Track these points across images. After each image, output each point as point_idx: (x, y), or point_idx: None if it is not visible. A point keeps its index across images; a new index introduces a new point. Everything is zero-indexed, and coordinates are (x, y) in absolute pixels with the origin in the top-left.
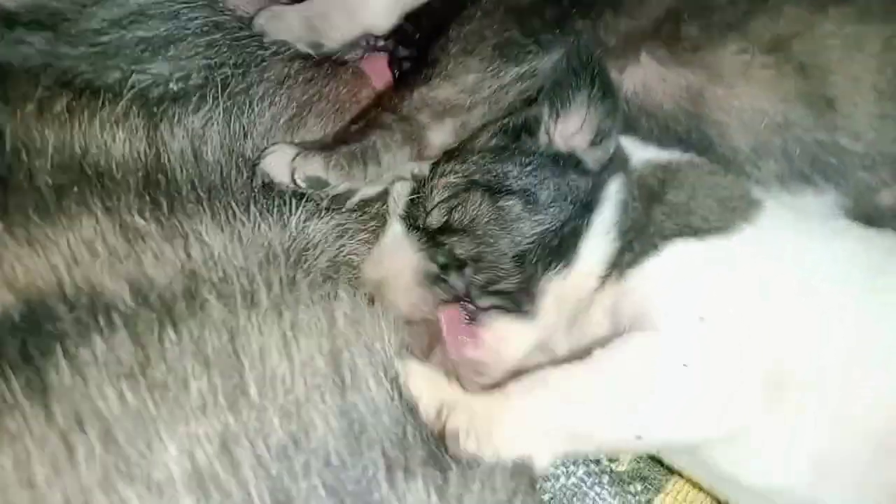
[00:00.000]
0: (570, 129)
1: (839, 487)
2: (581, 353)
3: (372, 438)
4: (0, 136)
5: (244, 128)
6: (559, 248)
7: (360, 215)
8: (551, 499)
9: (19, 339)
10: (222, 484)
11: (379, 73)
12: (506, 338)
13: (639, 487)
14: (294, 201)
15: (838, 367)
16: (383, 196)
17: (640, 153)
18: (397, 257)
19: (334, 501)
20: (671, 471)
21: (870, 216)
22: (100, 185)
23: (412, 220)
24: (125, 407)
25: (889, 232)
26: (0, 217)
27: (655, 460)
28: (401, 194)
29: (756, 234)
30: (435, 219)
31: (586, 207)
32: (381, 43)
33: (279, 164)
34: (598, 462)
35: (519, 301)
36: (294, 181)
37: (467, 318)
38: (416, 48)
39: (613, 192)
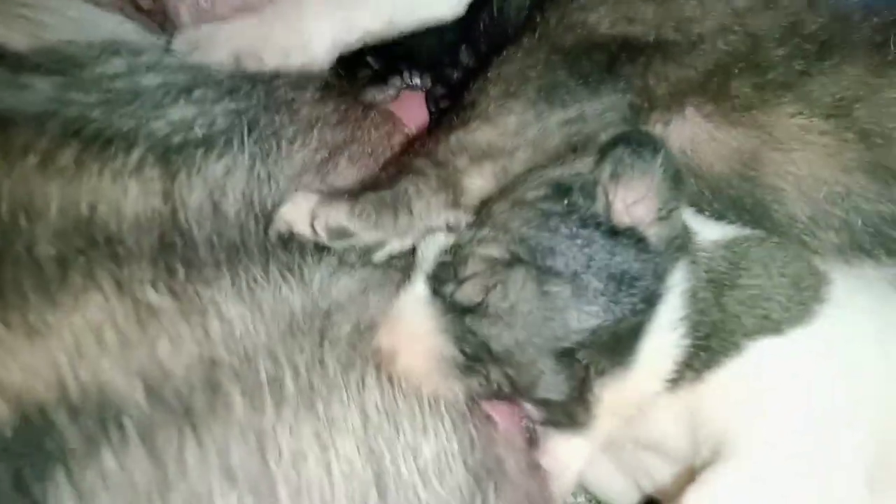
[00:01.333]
0: (632, 195)
1: None
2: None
3: None
4: None
5: (270, 172)
6: (615, 346)
7: (386, 269)
8: None
9: (12, 464)
10: None
11: (413, 115)
12: (564, 459)
13: None
14: (315, 256)
15: None
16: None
17: (703, 231)
18: (414, 332)
19: None
20: None
21: None
22: (109, 253)
23: (439, 284)
24: None
25: None
26: None
27: None
28: (431, 247)
29: (832, 312)
30: (468, 295)
31: (647, 300)
32: (416, 81)
33: (299, 213)
34: None
35: (571, 413)
36: (315, 231)
37: (524, 434)
38: (453, 87)
39: (680, 280)
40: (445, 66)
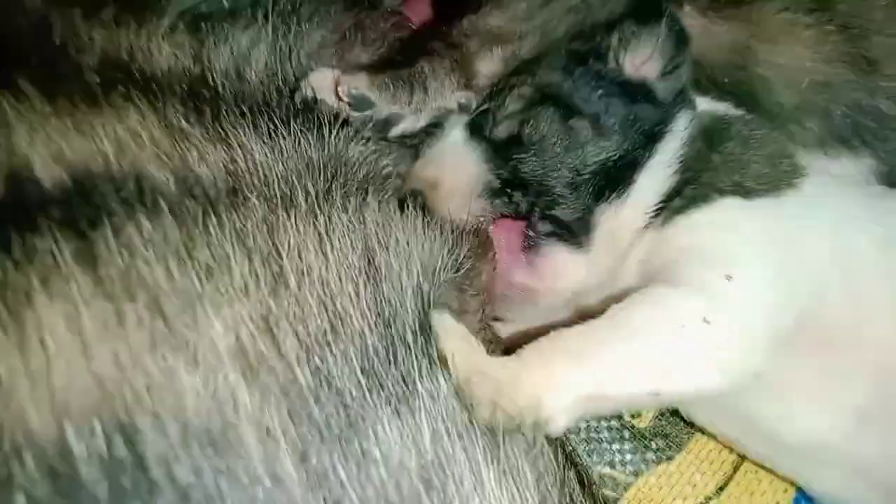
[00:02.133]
0: (640, 57)
1: (878, 439)
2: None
3: (402, 332)
4: (48, 28)
5: (290, 47)
6: (617, 177)
7: (398, 145)
8: (571, 451)
9: (69, 210)
10: (266, 360)
11: (420, 12)
12: (560, 268)
13: (660, 444)
14: (334, 124)
15: (878, 321)
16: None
17: (701, 103)
18: (458, 162)
19: (373, 388)
20: (693, 427)
21: None
22: (145, 87)
23: (477, 129)
24: (172, 282)
25: None
26: (47, 99)
27: (678, 416)
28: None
29: (800, 199)
30: (505, 130)
31: (651, 139)
32: None
33: (325, 80)
34: (619, 418)
35: (575, 231)
36: (339, 97)
37: (524, 241)
38: None
39: (682, 126)
40: None
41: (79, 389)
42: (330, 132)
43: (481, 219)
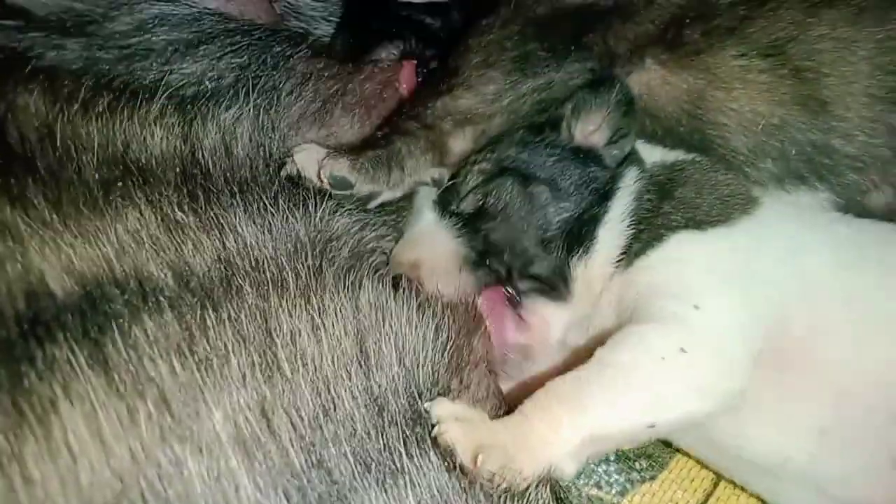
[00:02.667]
0: (589, 127)
1: (840, 459)
2: (589, 350)
3: (392, 414)
4: (51, 135)
5: (273, 122)
6: (580, 233)
7: (379, 212)
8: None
9: (80, 318)
10: (264, 446)
11: (406, 78)
12: (547, 320)
13: (644, 464)
14: (318, 197)
15: (834, 343)
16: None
17: (650, 155)
18: (434, 241)
19: (361, 468)
20: (675, 449)
21: (860, 216)
22: (142, 180)
23: (445, 205)
24: (175, 378)
25: (878, 222)
26: (55, 209)
27: (660, 439)
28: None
29: (754, 225)
30: (470, 203)
31: (604, 197)
32: (407, 47)
33: (309, 161)
34: None
35: (555, 284)
36: (321, 179)
37: (508, 303)
38: (441, 47)
39: (629, 183)
40: (433, 28)
41: (102, 484)
42: (315, 206)
43: (467, 292)
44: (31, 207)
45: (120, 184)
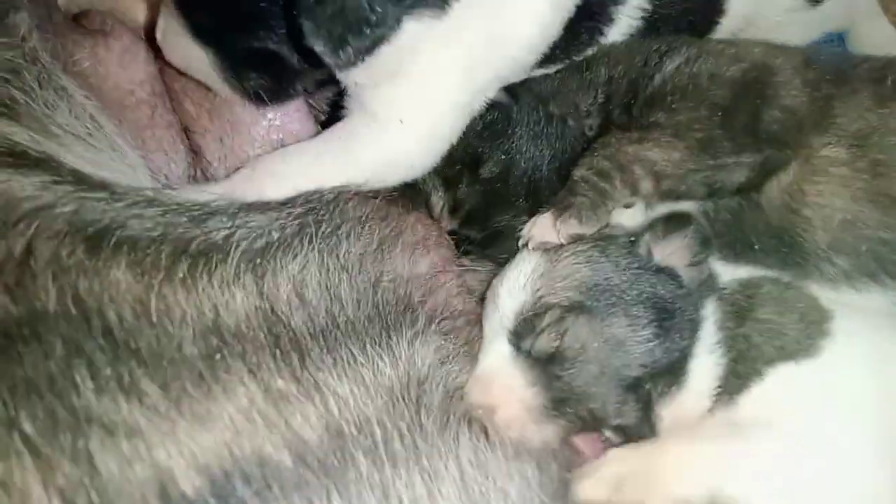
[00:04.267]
0: (668, 248)
1: None
2: None
3: None
4: (147, 312)
5: (340, 262)
6: (670, 369)
7: (455, 338)
8: None
9: None
10: None
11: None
12: None
13: None
14: (394, 325)
15: None
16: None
17: (725, 272)
18: (508, 386)
19: None
20: None
21: None
22: (240, 349)
23: (519, 340)
24: None
25: None
26: (165, 396)
27: None
28: (505, 308)
29: (835, 351)
30: (546, 344)
31: (691, 326)
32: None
33: (545, 230)
34: None
35: (640, 433)
36: (559, 238)
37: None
38: (481, 227)
39: (711, 312)
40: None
41: None
42: (396, 338)
43: (547, 441)
44: (145, 396)
45: (219, 356)
